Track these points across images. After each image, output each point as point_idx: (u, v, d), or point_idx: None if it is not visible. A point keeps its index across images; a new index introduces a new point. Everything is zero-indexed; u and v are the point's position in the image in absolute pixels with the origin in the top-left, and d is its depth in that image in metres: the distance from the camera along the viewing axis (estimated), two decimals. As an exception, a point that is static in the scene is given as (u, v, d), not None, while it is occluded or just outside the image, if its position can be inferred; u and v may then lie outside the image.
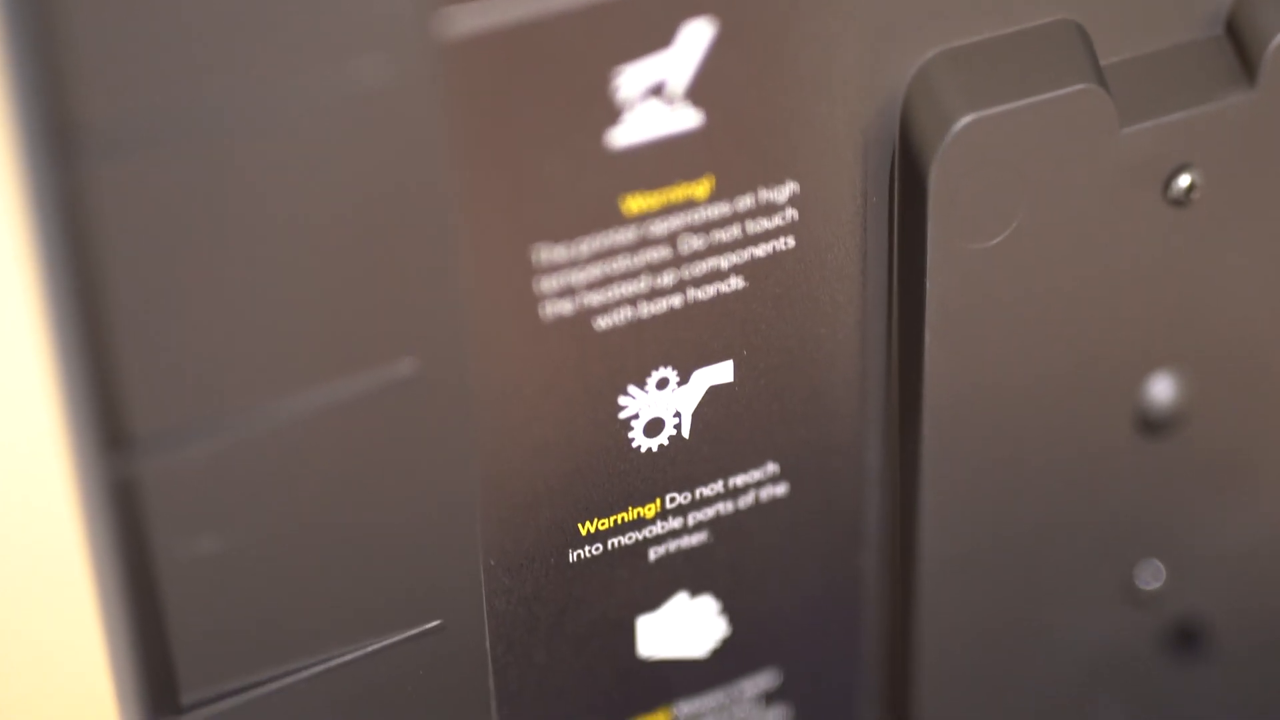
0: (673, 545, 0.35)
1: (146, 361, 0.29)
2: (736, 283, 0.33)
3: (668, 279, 0.32)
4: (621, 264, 0.32)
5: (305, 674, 0.33)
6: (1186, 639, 0.41)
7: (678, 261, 0.32)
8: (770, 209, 0.33)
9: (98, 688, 0.33)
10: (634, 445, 0.34)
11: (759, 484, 0.35)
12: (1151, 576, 0.39)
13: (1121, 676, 0.41)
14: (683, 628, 0.36)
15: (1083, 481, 0.38)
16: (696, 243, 0.32)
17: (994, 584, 0.38)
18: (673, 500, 0.35)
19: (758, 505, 0.35)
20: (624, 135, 0.31)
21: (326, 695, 0.33)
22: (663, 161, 0.31)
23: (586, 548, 0.34)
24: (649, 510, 0.34)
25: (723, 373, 0.34)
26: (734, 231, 0.33)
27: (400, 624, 0.33)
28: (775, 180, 0.32)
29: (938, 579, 0.37)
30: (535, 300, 0.32)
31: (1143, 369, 0.37)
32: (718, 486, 0.35)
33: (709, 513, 0.35)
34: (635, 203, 0.32)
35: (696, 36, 0.31)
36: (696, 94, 0.31)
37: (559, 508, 0.34)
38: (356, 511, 0.32)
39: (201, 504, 0.30)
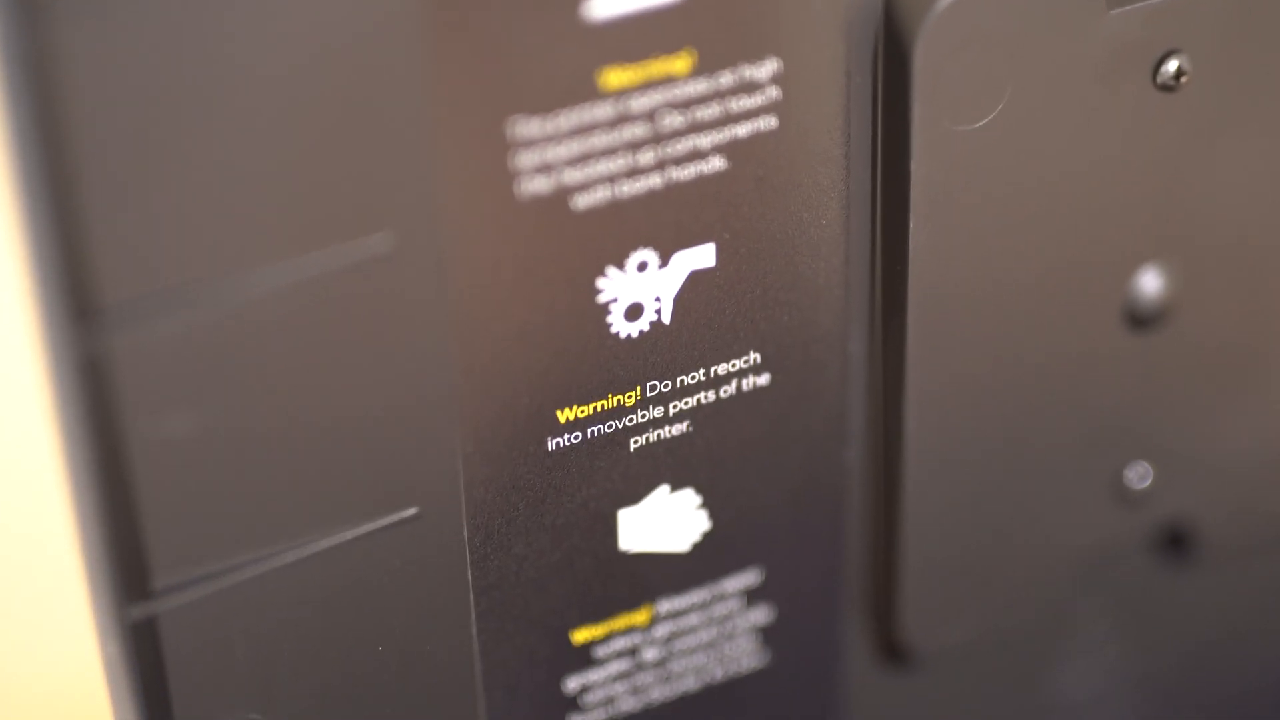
0: (653, 435, 0.34)
1: (116, 230, 0.29)
2: (718, 163, 0.32)
3: (647, 158, 0.32)
4: (599, 141, 0.31)
5: (279, 561, 0.32)
6: (1175, 542, 0.41)
7: (657, 139, 0.32)
8: (752, 87, 0.32)
9: (68, 574, 0.32)
10: (613, 331, 0.33)
11: (740, 373, 0.35)
12: (1139, 477, 0.39)
13: (1108, 578, 0.41)
14: (664, 522, 0.35)
15: (1070, 375, 0.37)
16: (676, 120, 0.32)
17: (980, 479, 0.37)
18: (653, 389, 0.34)
19: (739, 395, 0.35)
20: (602, 6, 0.30)
21: (301, 585, 0.33)
22: (642, 34, 0.31)
23: (566, 436, 0.34)
24: (629, 398, 0.34)
25: (704, 257, 0.33)
26: (715, 109, 0.32)
27: (376, 511, 0.33)
28: (757, 56, 0.32)
29: (923, 474, 0.37)
30: (511, 177, 0.31)
31: (1132, 262, 0.37)
32: (699, 375, 0.34)
33: (690, 402, 0.34)
34: (614, 77, 0.31)
35: (676, -96, 0.30)
36: (676, -36, 0.30)
37: (537, 394, 0.33)
38: (330, 392, 0.31)
39: (173, 381, 0.30)
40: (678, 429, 0.35)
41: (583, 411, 0.34)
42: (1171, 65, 0.35)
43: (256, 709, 0.33)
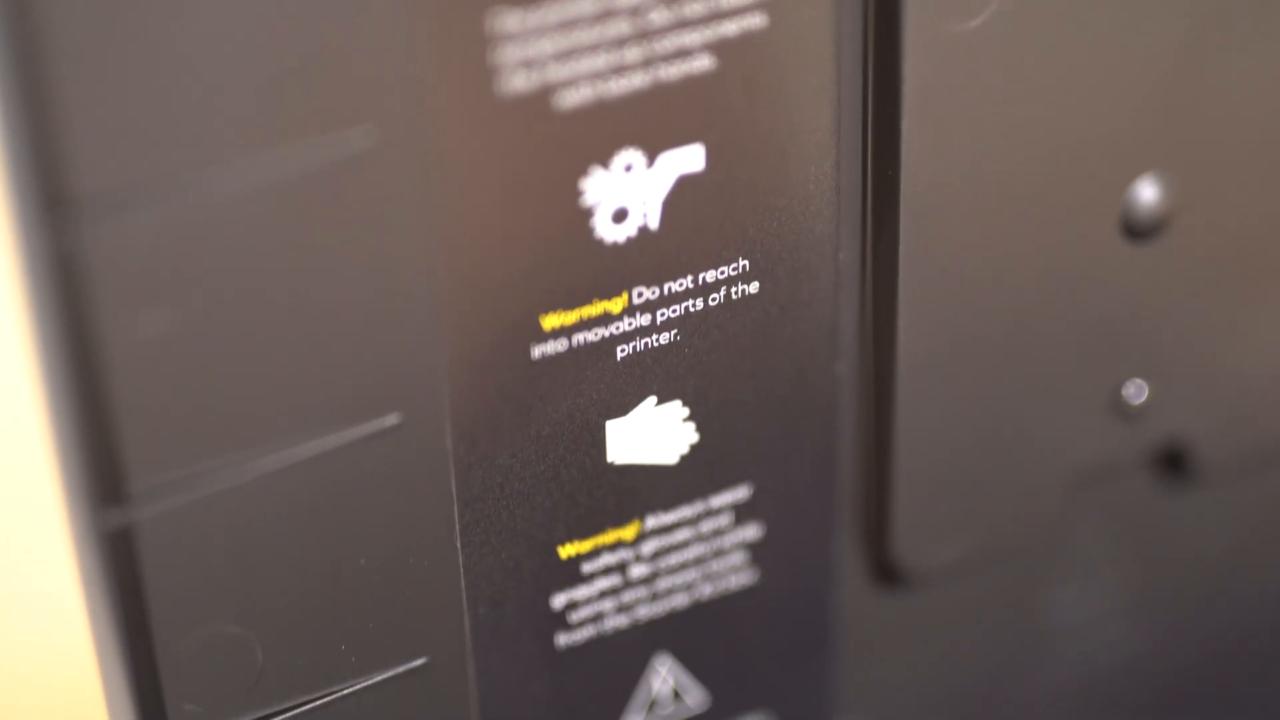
0: (641, 344, 0.34)
1: (90, 122, 0.28)
2: (706, 63, 0.32)
3: (633, 55, 0.31)
4: (584, 36, 0.31)
5: (259, 468, 0.32)
6: (1171, 460, 0.40)
7: (643, 36, 0.31)
8: (740, -17, 0.31)
9: (42, 480, 0.32)
10: (599, 235, 0.32)
11: (729, 280, 0.34)
12: (1136, 393, 0.38)
13: (1104, 497, 0.40)
14: (651, 434, 0.35)
15: (1067, 287, 0.36)
16: (663, 17, 0.31)
17: (973, 394, 0.37)
18: (640, 295, 0.33)
19: (728, 303, 0.34)
20: (586, -103, 0.30)
21: (282, 493, 0.32)
22: (627, -75, 0.30)
23: (551, 343, 0.33)
24: (616, 305, 0.33)
25: (691, 160, 0.32)
26: (702, 6, 0.31)
27: (358, 417, 0.32)
28: (745, -49, 0.31)
29: (915, 388, 0.36)
30: (492, 73, 0.30)
31: (1129, 170, 0.36)
32: (687, 282, 0.34)
33: (678, 310, 0.34)
34: (599, -30, 0.30)
35: None
36: None
37: (521, 299, 0.32)
38: (310, 292, 0.31)
39: (149, 276, 0.29)
40: (665, 338, 0.34)
41: (568, 318, 0.33)
42: (1170, -33, 0.34)
43: (236, 620, 0.33)
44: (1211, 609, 0.43)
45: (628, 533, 0.36)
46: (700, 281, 0.34)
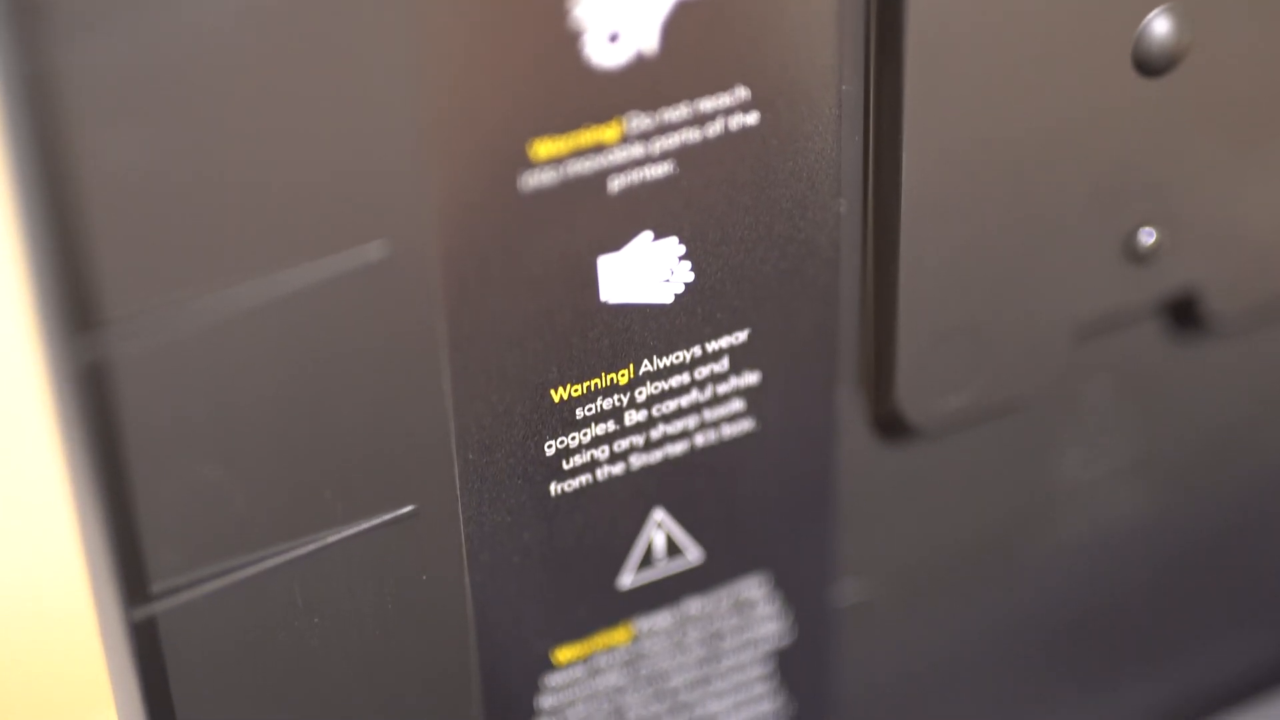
0: (635, 176, 0.33)
1: None
2: (704, -123, 0.30)
3: None
4: None
5: (238, 299, 0.30)
6: (1182, 312, 0.39)
7: None
8: None
9: (11, 307, 0.31)
10: (592, 58, 0.31)
11: (728, 110, 0.33)
12: (1147, 239, 0.37)
13: (1113, 350, 0.39)
14: (646, 272, 0.34)
15: (1077, 125, 0.35)
16: None
17: (980, 237, 0.36)
18: (635, 124, 0.32)
19: (726, 135, 0.33)
20: None
21: (263, 329, 0.31)
22: None
23: (541, 174, 0.32)
24: (609, 133, 0.32)
25: (689, -19, 0.31)
26: None
27: (339, 245, 0.31)
28: None
29: (919, 229, 0.35)
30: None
31: (1143, 3, 0.35)
32: (683, 110, 0.32)
33: (674, 141, 0.33)
34: None
35: None
36: None
37: (509, 125, 0.31)
38: (290, 115, 0.29)
39: (121, 91, 0.28)
40: (661, 170, 0.33)
41: (559, 146, 0.32)
42: None
43: (215, 461, 0.32)
44: (1221, 469, 0.42)
45: (622, 376, 0.35)
46: (697, 110, 0.32)
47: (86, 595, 0.33)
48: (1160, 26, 0.35)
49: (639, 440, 0.35)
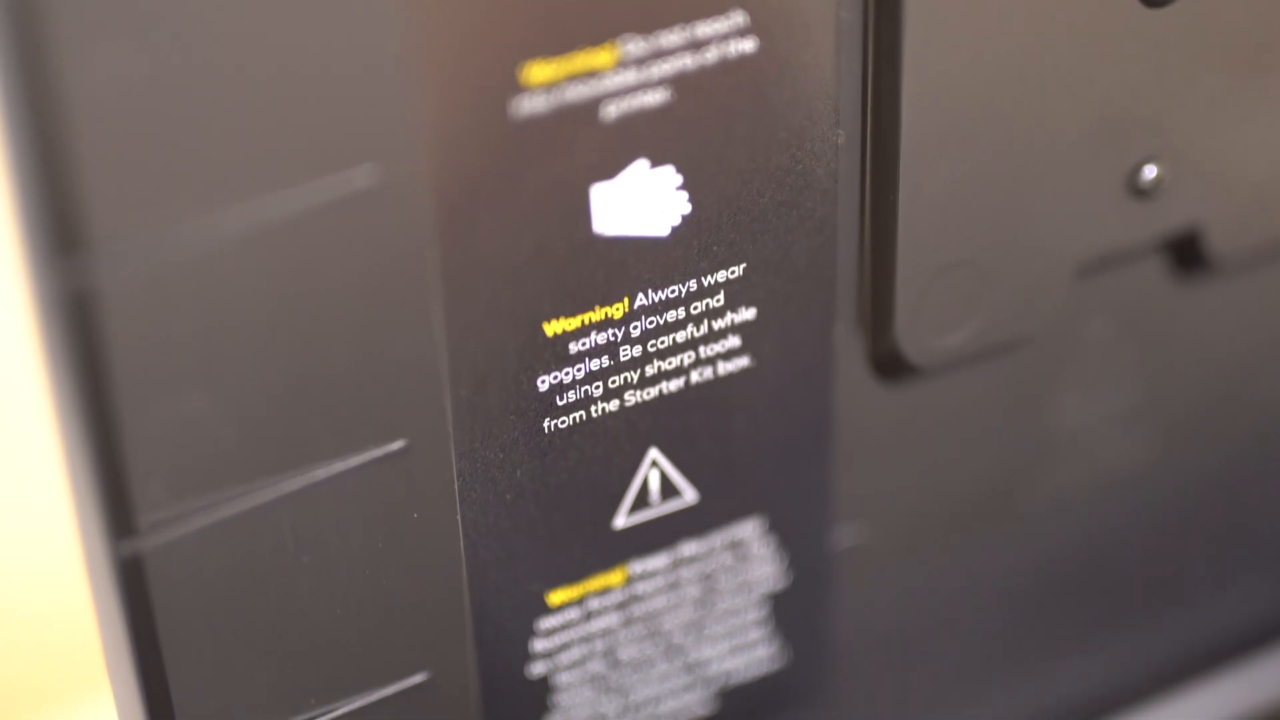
0: (630, 103, 0.32)
1: None
2: None
3: None
4: None
5: (226, 225, 0.30)
6: (1182, 249, 0.38)
7: None
8: None
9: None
10: (587, -20, 0.31)
11: (725, 36, 0.32)
12: (1149, 174, 0.37)
13: (1114, 288, 0.38)
14: (641, 202, 0.33)
15: (1079, 56, 0.35)
16: None
17: (980, 171, 0.35)
18: (630, 49, 0.32)
19: (724, 62, 0.32)
20: None
21: (252, 257, 0.30)
22: None
23: (533, 99, 0.31)
24: (603, 57, 0.31)
25: (685, -99, 0.31)
26: None
27: (330, 166, 0.30)
28: None
29: (918, 163, 0.34)
30: None
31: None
32: (680, 35, 0.32)
33: (670, 67, 0.32)
34: None
35: None
36: None
37: (501, 48, 0.31)
38: (278, 30, 0.29)
39: (107, 9, 0.28)
40: (656, 97, 0.32)
41: (552, 71, 0.31)
42: None
43: (203, 392, 0.31)
44: (1223, 412, 0.41)
45: (616, 310, 0.34)
46: (694, 34, 0.32)
47: (73, 530, 0.33)
48: (1164, -45, 0.34)
49: (633, 376, 0.35)
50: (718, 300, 0.35)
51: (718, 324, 0.35)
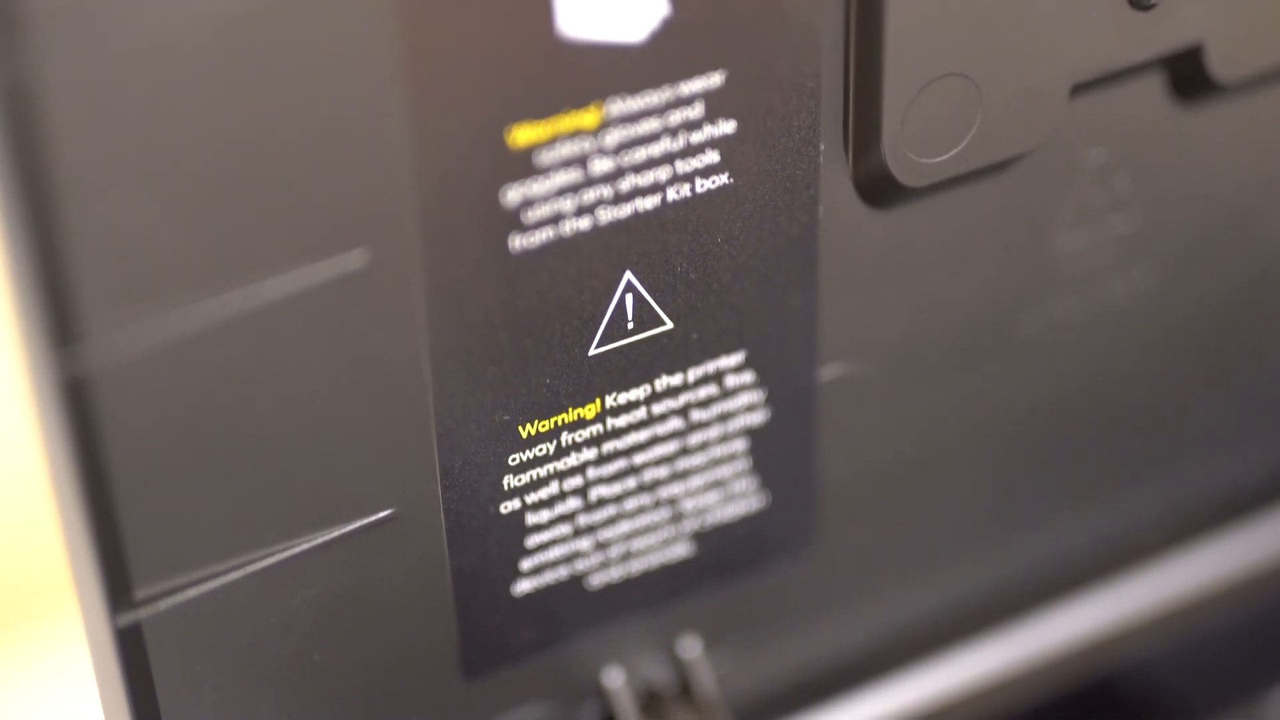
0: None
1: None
2: None
3: None
4: None
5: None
6: (1183, 68, 0.37)
7: None
8: None
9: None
10: None
11: None
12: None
13: (1112, 104, 0.37)
14: (615, 3, 0.31)
15: None
16: None
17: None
18: None
19: None
20: None
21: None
22: None
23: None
24: None
25: None
26: None
27: None
28: None
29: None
30: None
31: None
32: None
33: None
34: None
35: None
36: None
37: None
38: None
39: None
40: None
41: None
42: None
43: (149, 191, 0.30)
44: (1223, 243, 0.40)
45: (588, 119, 0.32)
46: None
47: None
48: None
49: (607, 192, 0.33)
50: (696, 111, 0.33)
51: (696, 137, 0.33)
